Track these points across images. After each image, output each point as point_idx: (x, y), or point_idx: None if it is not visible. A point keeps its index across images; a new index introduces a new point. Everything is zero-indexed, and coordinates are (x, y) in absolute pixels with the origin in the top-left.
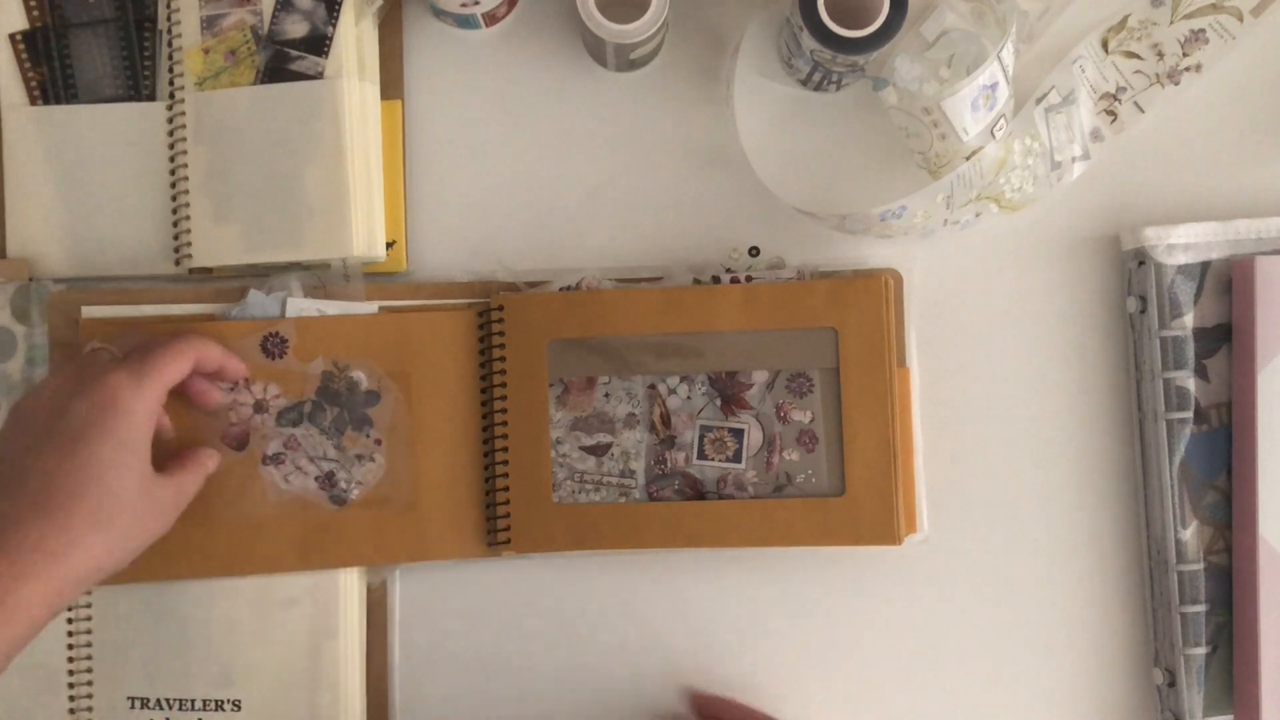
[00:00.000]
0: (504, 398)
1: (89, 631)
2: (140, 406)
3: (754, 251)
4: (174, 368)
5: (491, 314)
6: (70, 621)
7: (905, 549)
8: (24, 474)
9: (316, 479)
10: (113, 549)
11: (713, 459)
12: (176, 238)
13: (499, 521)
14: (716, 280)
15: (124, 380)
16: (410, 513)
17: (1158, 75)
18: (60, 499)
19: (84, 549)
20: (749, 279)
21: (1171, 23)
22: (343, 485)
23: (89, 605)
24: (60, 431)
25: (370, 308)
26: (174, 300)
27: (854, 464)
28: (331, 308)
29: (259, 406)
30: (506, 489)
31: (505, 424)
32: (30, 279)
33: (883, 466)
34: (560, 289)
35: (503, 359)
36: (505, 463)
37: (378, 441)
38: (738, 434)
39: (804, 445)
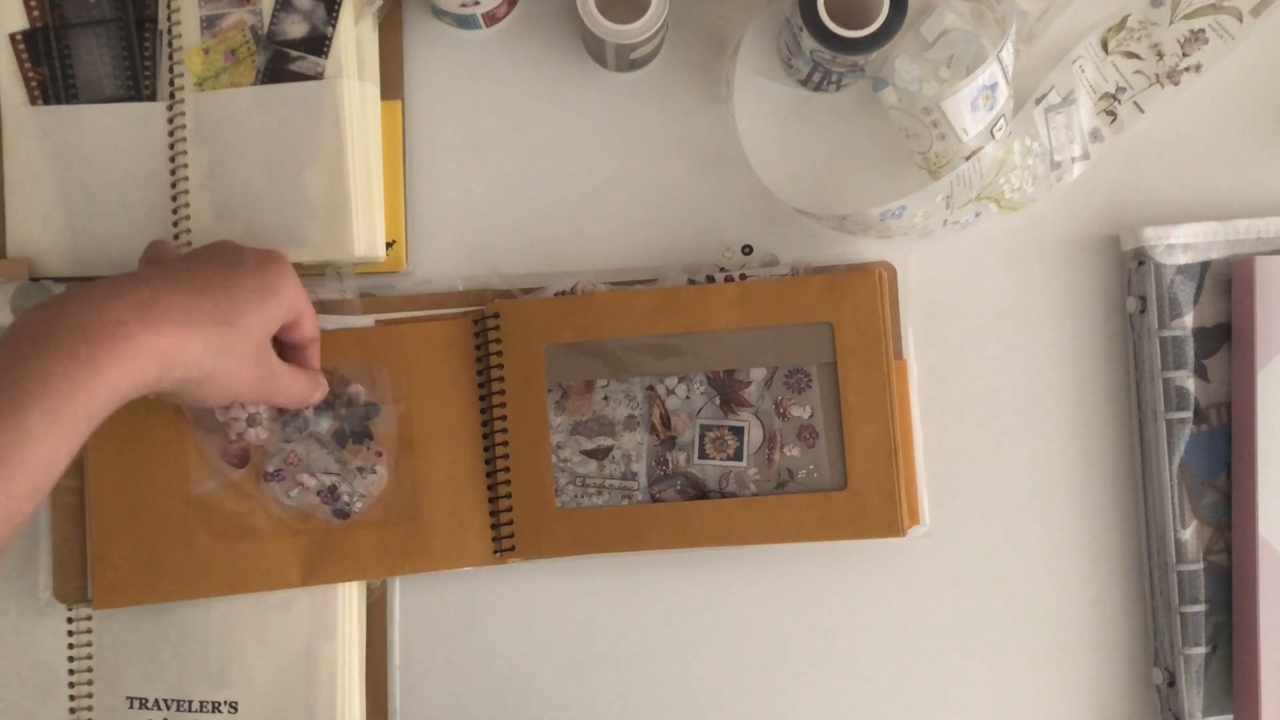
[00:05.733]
0: (503, 404)
1: (89, 632)
2: (289, 286)
3: (747, 249)
4: (305, 297)
5: (487, 321)
6: (70, 622)
7: (907, 542)
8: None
9: (319, 493)
10: (214, 352)
11: (714, 458)
12: (177, 238)
13: (503, 529)
14: (711, 280)
15: (286, 265)
16: (414, 523)
17: (1157, 75)
18: (204, 301)
19: (201, 340)
20: (743, 277)
21: (1171, 23)
22: (345, 498)
23: (89, 604)
24: (229, 262)
25: (366, 321)
26: None
27: (855, 457)
28: (328, 322)
29: (256, 421)
30: (509, 496)
31: (505, 431)
32: (31, 278)
33: (884, 458)
34: (555, 294)
35: (500, 366)
36: (507, 469)
37: (379, 453)
38: (738, 432)
39: (804, 441)
